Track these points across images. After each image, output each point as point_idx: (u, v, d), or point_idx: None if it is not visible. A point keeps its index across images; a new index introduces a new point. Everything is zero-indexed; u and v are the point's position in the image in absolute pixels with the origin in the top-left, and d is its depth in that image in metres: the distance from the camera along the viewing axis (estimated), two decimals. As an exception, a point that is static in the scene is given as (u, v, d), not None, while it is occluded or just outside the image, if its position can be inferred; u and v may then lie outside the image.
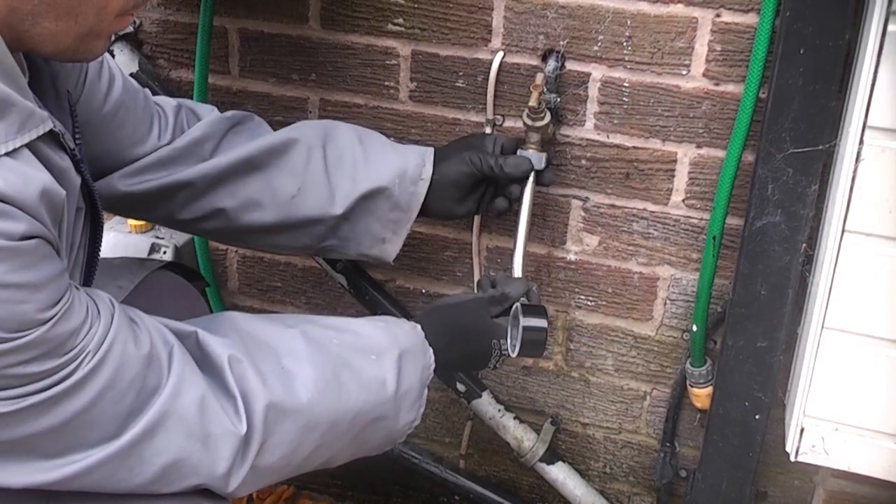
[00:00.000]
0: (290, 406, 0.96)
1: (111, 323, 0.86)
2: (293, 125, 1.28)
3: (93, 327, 0.84)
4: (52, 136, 0.84)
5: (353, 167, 1.24)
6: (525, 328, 1.15)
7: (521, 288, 1.19)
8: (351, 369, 1.02)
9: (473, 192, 1.30)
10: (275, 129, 1.28)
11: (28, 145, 0.79)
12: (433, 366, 1.10)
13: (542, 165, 1.29)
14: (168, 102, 1.24)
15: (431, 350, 1.10)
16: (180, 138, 1.21)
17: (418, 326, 1.12)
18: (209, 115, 1.25)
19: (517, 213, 1.30)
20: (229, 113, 1.27)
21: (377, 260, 1.30)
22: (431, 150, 1.28)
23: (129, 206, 1.23)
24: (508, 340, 1.17)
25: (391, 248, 1.28)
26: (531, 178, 1.29)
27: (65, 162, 0.86)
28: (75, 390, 0.83)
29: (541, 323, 1.16)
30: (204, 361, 0.95)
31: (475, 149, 1.28)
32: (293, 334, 1.03)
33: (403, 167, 1.25)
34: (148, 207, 1.23)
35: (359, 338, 1.06)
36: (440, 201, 1.27)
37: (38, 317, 0.78)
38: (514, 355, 1.16)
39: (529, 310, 1.17)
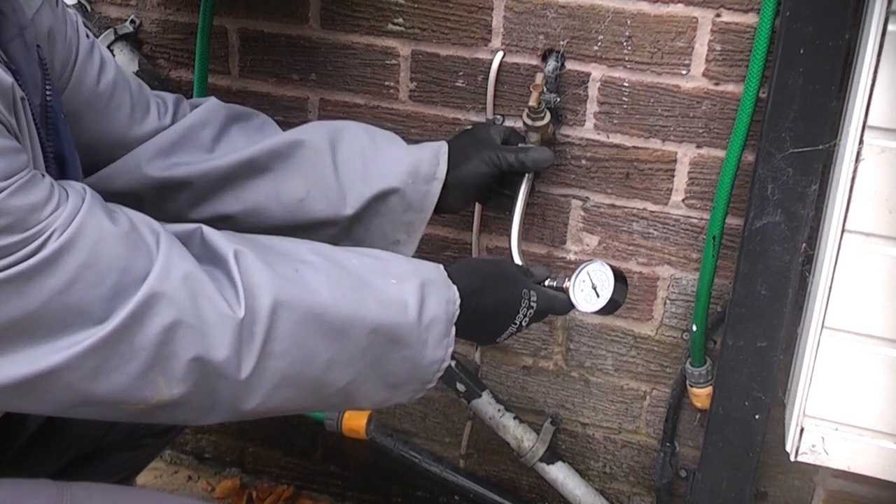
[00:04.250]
0: (300, 302, 0.92)
1: (81, 203, 0.85)
2: (299, 127, 1.25)
3: (59, 207, 0.83)
4: None
5: (363, 167, 1.21)
6: (617, 284, 1.15)
7: (544, 271, 1.19)
8: (370, 287, 0.99)
9: (487, 187, 1.29)
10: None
11: None
12: (458, 301, 1.06)
13: None
14: (168, 94, 1.25)
15: (456, 288, 1.06)
16: (179, 122, 1.20)
17: (441, 266, 1.08)
18: (208, 101, 1.24)
19: (513, 204, 1.29)
20: (231, 105, 1.25)
21: None
22: (445, 146, 1.25)
23: (138, 200, 1.21)
24: (575, 296, 1.16)
25: (405, 251, 1.25)
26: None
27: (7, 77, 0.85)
28: (46, 267, 0.81)
29: (624, 289, 1.17)
30: (208, 255, 0.92)
31: (487, 145, 1.26)
32: (309, 248, 1.00)
33: (416, 166, 1.22)
34: (155, 204, 1.21)
35: (378, 261, 1.03)
36: (455, 200, 1.25)
37: None
38: (590, 310, 1.15)
39: (616, 271, 1.17)
